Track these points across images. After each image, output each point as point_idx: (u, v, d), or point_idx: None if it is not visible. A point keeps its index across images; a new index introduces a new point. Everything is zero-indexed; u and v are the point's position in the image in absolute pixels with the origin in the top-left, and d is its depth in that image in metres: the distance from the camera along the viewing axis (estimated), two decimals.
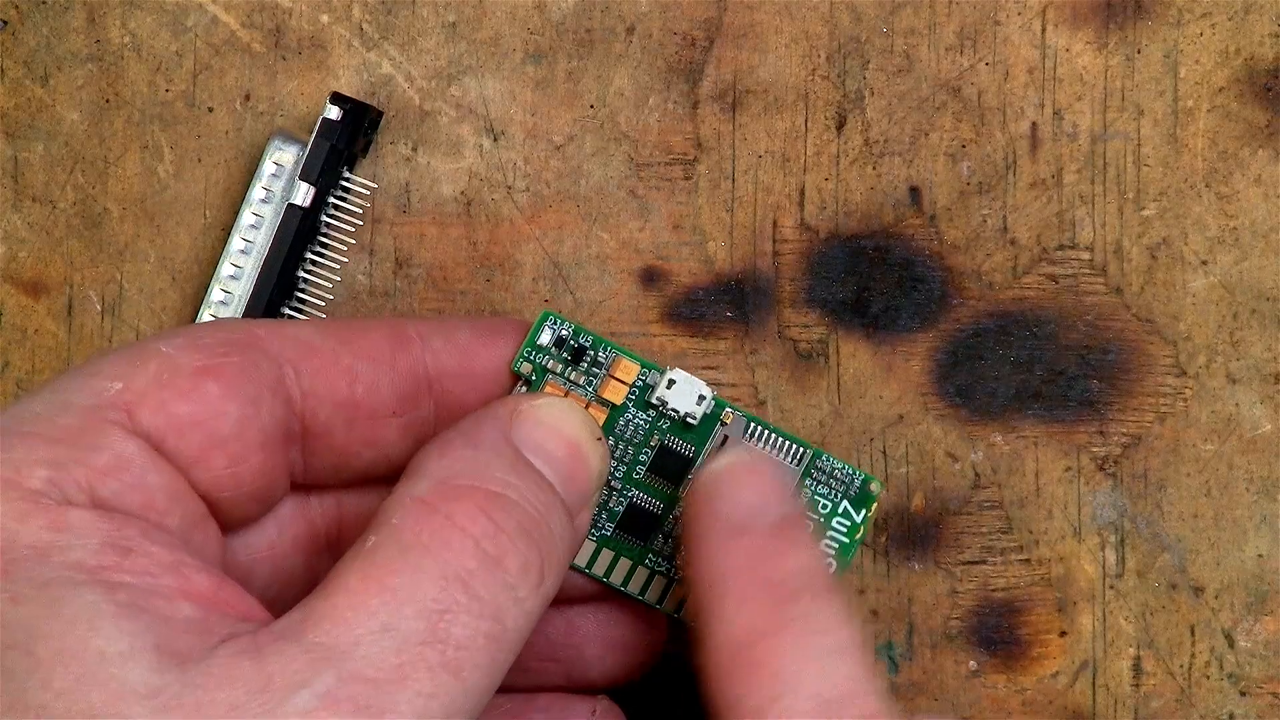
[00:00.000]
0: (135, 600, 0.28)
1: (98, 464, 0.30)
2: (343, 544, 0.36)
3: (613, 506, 0.37)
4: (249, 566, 0.34)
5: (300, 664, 0.28)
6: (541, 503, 0.32)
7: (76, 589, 0.28)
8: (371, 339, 0.35)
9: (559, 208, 0.41)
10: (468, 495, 0.31)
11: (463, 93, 0.41)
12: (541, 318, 0.36)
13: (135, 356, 0.32)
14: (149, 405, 0.31)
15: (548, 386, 0.36)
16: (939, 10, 0.41)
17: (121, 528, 0.29)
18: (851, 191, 0.41)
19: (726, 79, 0.41)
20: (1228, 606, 0.41)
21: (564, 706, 0.37)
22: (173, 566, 0.29)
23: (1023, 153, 0.41)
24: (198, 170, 0.41)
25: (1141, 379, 0.41)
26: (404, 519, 0.31)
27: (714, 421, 0.36)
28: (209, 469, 0.32)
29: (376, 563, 0.30)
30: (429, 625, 0.29)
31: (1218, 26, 0.41)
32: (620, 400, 0.36)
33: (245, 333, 0.33)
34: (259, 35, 0.41)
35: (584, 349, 0.36)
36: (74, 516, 0.29)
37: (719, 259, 0.41)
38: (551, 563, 0.32)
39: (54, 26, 0.41)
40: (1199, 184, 0.41)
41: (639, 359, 0.36)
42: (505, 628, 0.30)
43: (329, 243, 0.41)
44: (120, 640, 0.28)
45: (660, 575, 0.37)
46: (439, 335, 0.35)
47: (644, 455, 0.36)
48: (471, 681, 0.29)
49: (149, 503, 0.31)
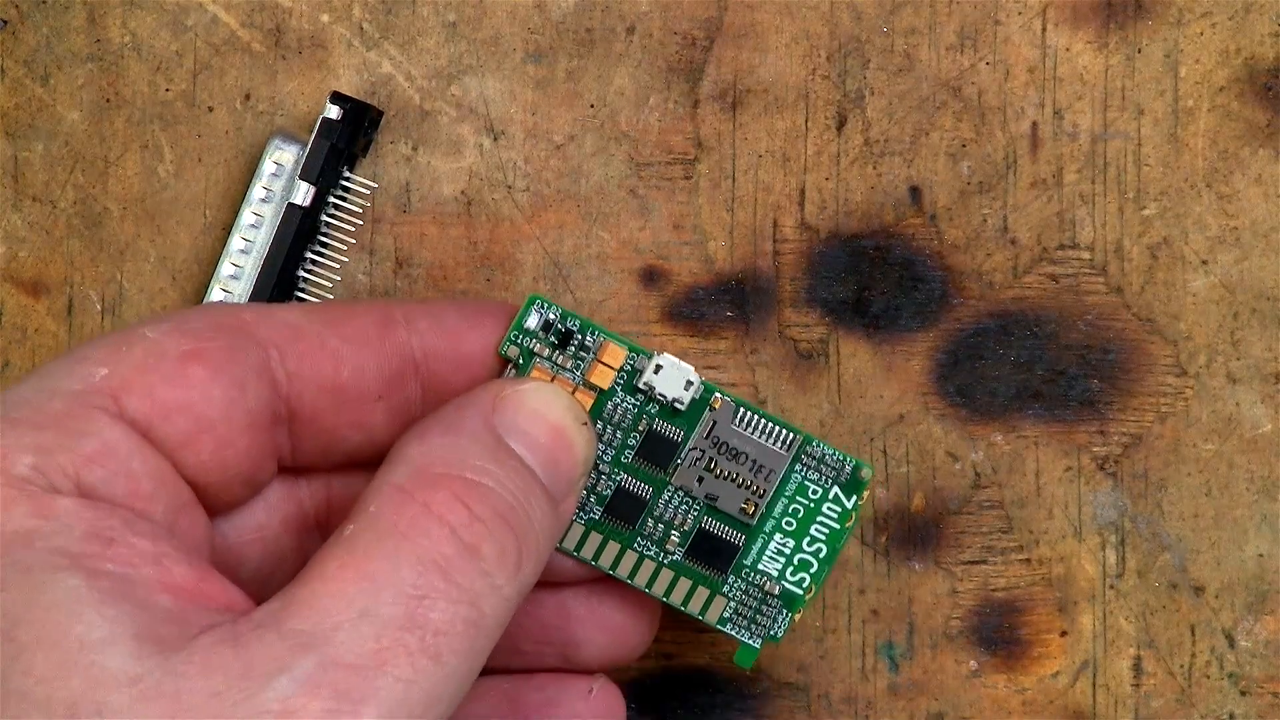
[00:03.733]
0: (117, 588, 0.28)
1: (84, 451, 0.30)
2: (332, 525, 0.36)
3: (601, 490, 0.36)
4: (239, 549, 0.34)
5: (279, 651, 0.28)
6: (520, 490, 0.32)
7: (58, 575, 0.28)
8: (358, 322, 0.35)
9: (559, 207, 0.41)
10: (445, 483, 0.31)
11: (463, 92, 0.41)
12: (529, 301, 0.36)
13: (121, 342, 0.32)
14: (135, 391, 0.31)
15: (535, 370, 0.36)
16: (939, 10, 0.41)
17: (105, 517, 0.30)
18: (852, 191, 0.41)
19: (727, 78, 0.41)
20: (1228, 606, 0.41)
21: (560, 686, 0.37)
22: (155, 558, 0.29)
23: (1023, 152, 0.41)
24: (198, 170, 0.41)
25: (1142, 379, 0.41)
26: (381, 507, 0.31)
27: (703, 406, 0.36)
28: (195, 453, 0.32)
29: (354, 550, 0.30)
30: (407, 611, 0.29)
31: (1218, 26, 0.41)
32: (608, 385, 0.36)
33: (231, 317, 0.33)
34: (259, 35, 0.41)
35: (571, 333, 0.36)
36: (59, 504, 0.29)
37: (719, 258, 0.41)
38: (530, 550, 0.32)
39: (54, 26, 0.41)
40: (1199, 184, 0.41)
41: (626, 342, 0.36)
42: (483, 613, 0.30)
43: (329, 242, 0.41)
44: (101, 627, 0.28)
45: (649, 560, 0.37)
46: (426, 317, 0.35)
47: (632, 440, 0.36)
48: (451, 667, 0.29)
49: (134, 490, 0.31)
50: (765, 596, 0.37)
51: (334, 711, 0.28)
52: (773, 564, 0.37)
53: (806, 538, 0.37)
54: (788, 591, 0.37)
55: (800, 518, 0.37)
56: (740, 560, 0.37)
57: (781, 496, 0.37)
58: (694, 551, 0.37)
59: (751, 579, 0.37)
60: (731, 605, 0.37)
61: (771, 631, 0.37)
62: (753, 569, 0.37)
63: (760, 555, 0.37)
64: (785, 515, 0.37)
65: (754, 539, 0.37)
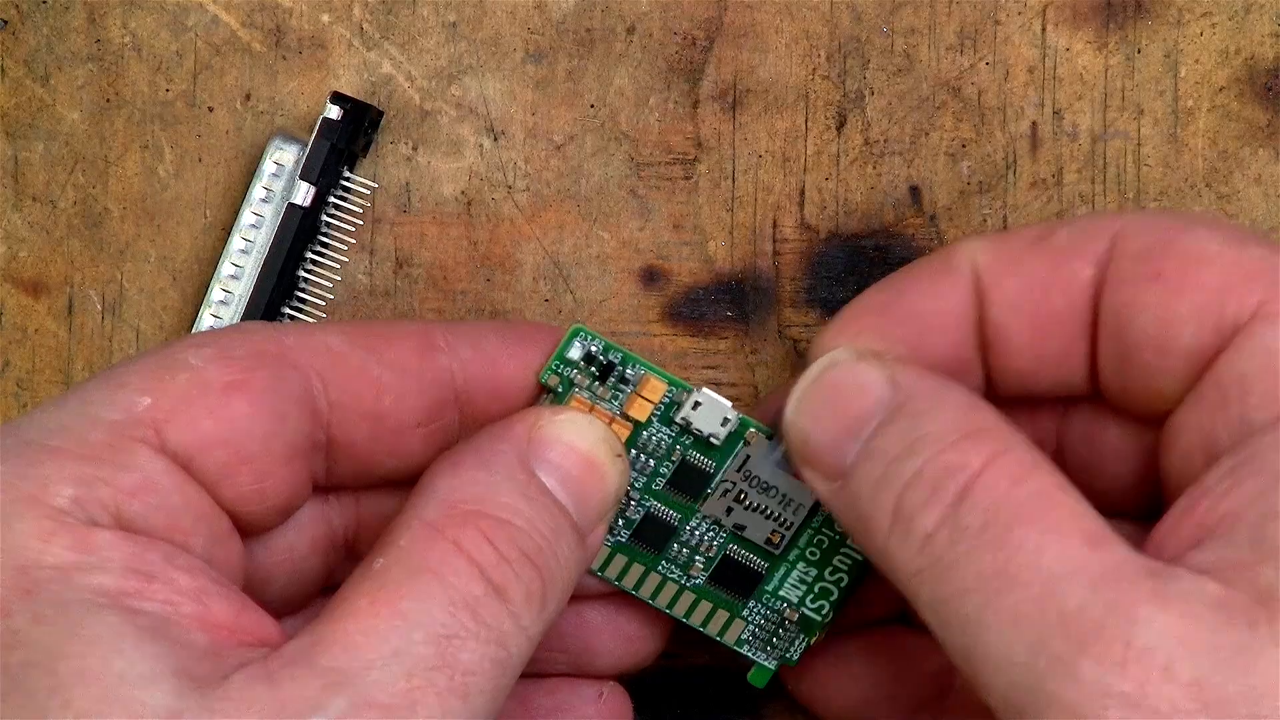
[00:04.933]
0: (156, 626, 0.29)
1: (125, 484, 0.30)
2: (360, 545, 0.36)
3: (630, 515, 0.37)
4: (267, 569, 0.34)
5: (313, 689, 0.28)
6: (550, 529, 0.32)
7: (98, 612, 0.28)
8: (400, 348, 0.34)
9: (559, 207, 0.41)
10: (474, 520, 0.31)
11: (463, 92, 0.41)
12: (572, 333, 0.36)
13: (164, 369, 0.32)
14: (178, 423, 0.31)
15: (573, 401, 0.36)
16: (939, 10, 0.41)
17: (145, 551, 0.29)
18: (852, 191, 0.41)
19: (727, 78, 0.41)
20: None
21: (570, 691, 0.37)
22: (194, 594, 0.29)
23: (1023, 152, 0.41)
24: (198, 170, 0.41)
25: None
26: (411, 542, 0.31)
27: (737, 440, 0.36)
28: (235, 485, 0.32)
29: (385, 586, 0.30)
30: (438, 651, 0.29)
31: (1218, 26, 0.41)
32: (645, 418, 0.36)
33: (274, 343, 0.33)
34: (259, 35, 0.41)
35: (612, 365, 0.36)
36: (98, 538, 0.29)
37: (719, 258, 0.41)
38: (555, 588, 0.32)
39: (54, 26, 0.41)
40: (1199, 184, 0.41)
41: (667, 376, 0.36)
42: (509, 653, 0.30)
43: (329, 242, 0.41)
44: (141, 663, 0.28)
45: (672, 582, 0.37)
46: (467, 343, 0.35)
47: (665, 468, 0.36)
48: (477, 705, 0.29)
49: (174, 525, 0.31)
50: (784, 621, 0.37)
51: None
52: (794, 591, 0.37)
53: (829, 568, 0.37)
54: (806, 618, 0.37)
55: (825, 548, 0.37)
56: (763, 587, 0.37)
57: (808, 528, 0.37)
58: (717, 577, 0.37)
59: (772, 605, 0.37)
60: (750, 629, 0.37)
61: (788, 655, 0.37)
62: (774, 595, 0.37)
63: (783, 583, 0.37)
64: (810, 545, 0.37)
65: (777, 567, 0.37)
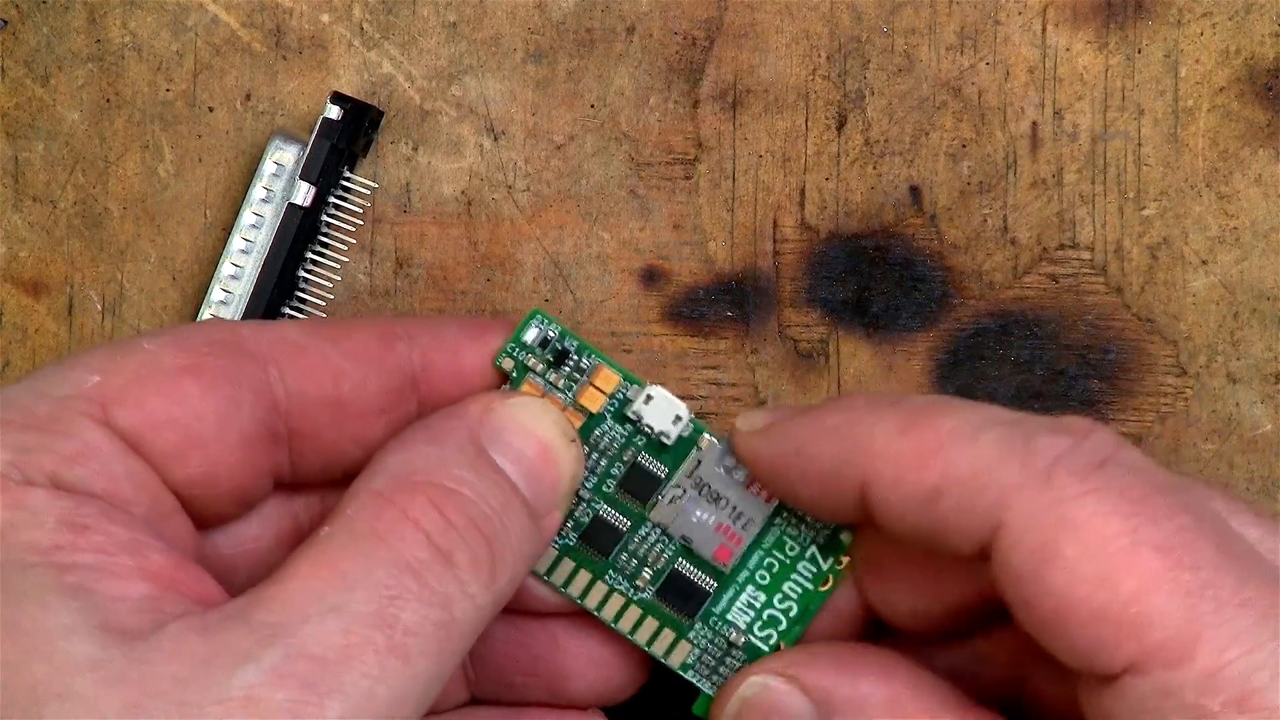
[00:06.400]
0: (84, 580, 0.29)
1: (64, 450, 0.30)
2: None
3: (579, 517, 0.36)
4: (231, 559, 0.34)
5: (247, 640, 0.28)
6: (499, 501, 0.32)
7: (27, 571, 0.28)
8: (359, 338, 0.35)
9: (559, 207, 0.41)
10: (423, 490, 0.31)
11: (463, 92, 0.41)
12: (530, 315, 0.36)
13: (118, 352, 0.32)
14: (125, 401, 0.31)
15: (526, 385, 0.36)
16: (939, 10, 0.41)
17: (80, 506, 0.30)
18: (852, 191, 0.41)
19: (727, 79, 0.41)
20: None
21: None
22: (129, 545, 0.29)
23: (1023, 152, 0.41)
24: (198, 170, 0.41)
25: (1142, 379, 0.41)
26: (358, 510, 0.31)
27: (690, 445, 0.36)
28: (183, 467, 0.32)
29: (328, 550, 0.30)
30: (378, 609, 0.29)
31: (1218, 26, 0.41)
32: (598, 409, 0.36)
33: (230, 333, 0.33)
34: (259, 35, 0.41)
35: (567, 352, 0.36)
36: (32, 495, 0.29)
37: (719, 259, 0.41)
38: (505, 561, 0.32)
39: (54, 26, 0.41)
40: (1199, 184, 0.41)
41: (621, 369, 0.36)
42: (454, 618, 0.30)
43: (329, 242, 0.41)
44: (65, 616, 0.28)
45: (619, 593, 0.36)
46: (427, 332, 0.35)
47: (616, 469, 0.36)
48: (419, 668, 0.29)
49: (113, 490, 0.31)
50: (730, 648, 0.36)
51: (298, 703, 0.28)
52: (742, 616, 0.36)
53: (779, 594, 0.36)
54: (753, 645, 0.36)
55: (775, 572, 0.36)
56: (710, 608, 0.36)
57: (758, 548, 0.36)
58: (664, 592, 0.36)
59: (718, 628, 0.36)
60: (695, 652, 0.36)
61: None
62: (721, 618, 0.36)
63: (730, 605, 0.36)
64: (760, 568, 0.36)
65: (726, 587, 0.36)
